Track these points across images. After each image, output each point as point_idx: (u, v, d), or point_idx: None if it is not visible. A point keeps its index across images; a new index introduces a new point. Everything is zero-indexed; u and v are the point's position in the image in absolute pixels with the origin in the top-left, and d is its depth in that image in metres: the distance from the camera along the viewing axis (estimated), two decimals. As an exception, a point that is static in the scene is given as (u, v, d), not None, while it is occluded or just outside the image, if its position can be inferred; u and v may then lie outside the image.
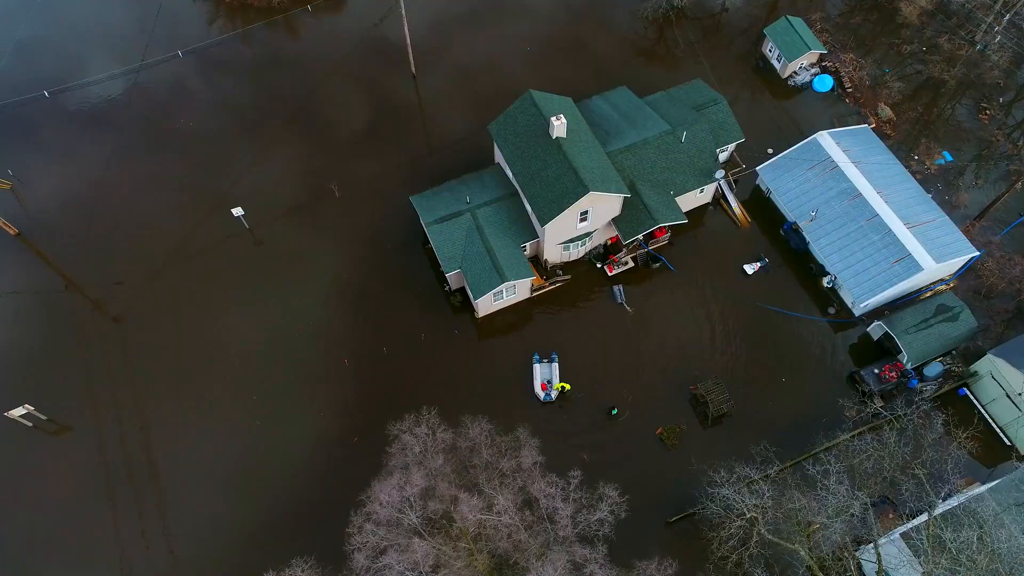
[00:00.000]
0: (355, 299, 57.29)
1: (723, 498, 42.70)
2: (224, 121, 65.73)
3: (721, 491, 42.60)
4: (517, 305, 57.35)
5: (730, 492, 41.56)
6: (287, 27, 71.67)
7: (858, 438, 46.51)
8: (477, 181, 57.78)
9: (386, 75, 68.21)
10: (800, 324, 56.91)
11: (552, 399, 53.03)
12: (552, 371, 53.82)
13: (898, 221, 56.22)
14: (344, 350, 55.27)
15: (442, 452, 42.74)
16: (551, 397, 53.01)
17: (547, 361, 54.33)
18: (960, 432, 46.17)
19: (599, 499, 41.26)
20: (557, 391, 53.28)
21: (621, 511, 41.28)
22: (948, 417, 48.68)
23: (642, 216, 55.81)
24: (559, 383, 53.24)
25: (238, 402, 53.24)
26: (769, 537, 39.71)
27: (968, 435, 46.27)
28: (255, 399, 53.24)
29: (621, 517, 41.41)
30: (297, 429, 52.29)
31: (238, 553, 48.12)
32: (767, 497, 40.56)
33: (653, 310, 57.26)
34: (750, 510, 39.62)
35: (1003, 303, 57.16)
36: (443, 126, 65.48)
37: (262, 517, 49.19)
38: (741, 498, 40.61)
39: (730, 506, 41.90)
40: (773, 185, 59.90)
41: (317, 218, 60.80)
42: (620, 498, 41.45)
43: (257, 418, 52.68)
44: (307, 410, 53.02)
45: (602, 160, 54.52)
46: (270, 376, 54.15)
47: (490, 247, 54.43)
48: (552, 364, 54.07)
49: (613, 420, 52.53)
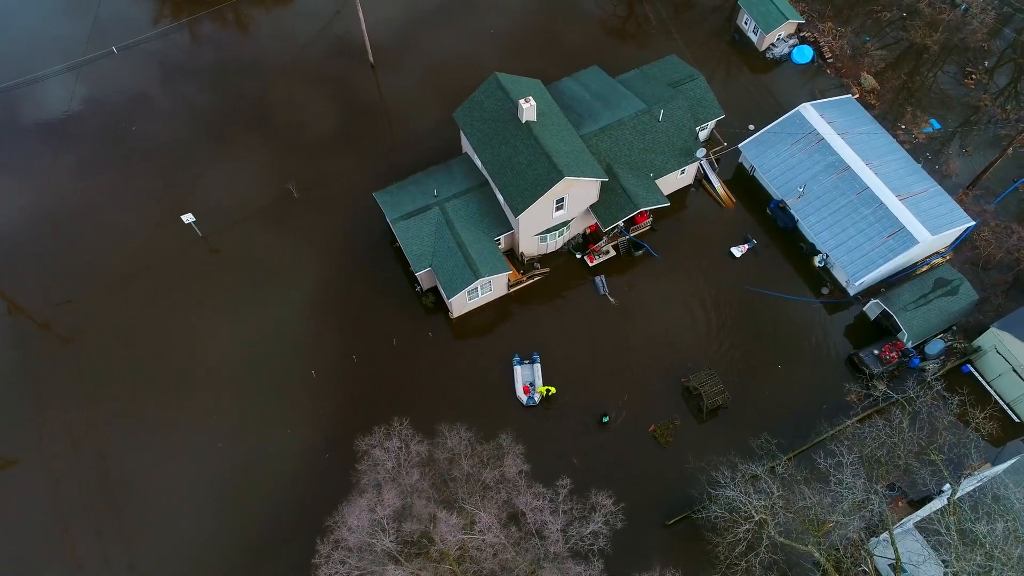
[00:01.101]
0: (320, 306, 53.58)
1: (728, 500, 39.38)
2: (172, 124, 61.58)
3: (725, 492, 39.24)
4: (494, 303, 53.92)
5: (735, 493, 38.21)
6: (237, 22, 67.69)
7: (865, 424, 43.47)
8: (444, 173, 54.26)
9: (344, 68, 64.41)
10: (793, 307, 53.99)
11: (535, 403, 49.70)
12: (534, 372, 50.48)
13: (889, 193, 53.46)
14: (311, 362, 51.54)
15: (418, 466, 39.20)
16: (534, 401, 49.67)
17: (528, 362, 50.98)
18: (977, 412, 43.21)
19: (592, 509, 37.88)
20: (541, 395, 49.90)
21: (617, 521, 37.92)
22: (964, 397, 45.66)
23: (621, 201, 52.58)
24: (542, 386, 49.91)
25: (198, 424, 49.31)
26: (780, 540, 36.51)
27: (986, 415, 43.20)
28: (216, 419, 49.36)
29: (617, 527, 38.05)
30: (262, 450, 48.48)
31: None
32: (776, 496, 37.29)
33: (638, 300, 54.07)
34: (758, 511, 36.31)
35: (1001, 274, 54.59)
36: (408, 119, 61.78)
37: (222, 550, 45.30)
38: (748, 499, 37.29)
39: (736, 508, 38.60)
40: (757, 162, 56.91)
41: (276, 222, 56.98)
42: (615, 506, 38.05)
43: (219, 439, 48.80)
44: (273, 428, 49.20)
45: (576, 143, 51.22)
46: (231, 395, 50.28)
47: (461, 242, 50.94)
48: (534, 365, 50.72)
49: (605, 428, 49.19)
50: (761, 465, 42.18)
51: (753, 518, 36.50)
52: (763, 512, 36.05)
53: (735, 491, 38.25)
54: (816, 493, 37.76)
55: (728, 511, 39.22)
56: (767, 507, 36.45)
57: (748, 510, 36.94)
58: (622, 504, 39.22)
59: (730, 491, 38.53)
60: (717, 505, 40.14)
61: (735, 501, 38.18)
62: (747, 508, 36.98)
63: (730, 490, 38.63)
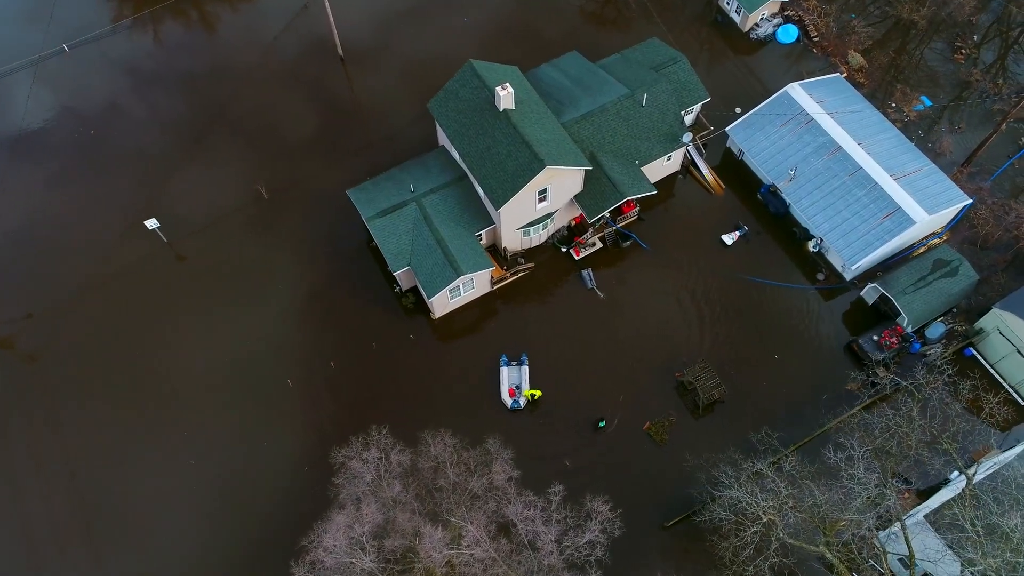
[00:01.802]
0: (295, 312, 51.00)
1: (733, 501, 37.04)
2: (134, 127, 58.71)
3: (730, 493, 36.89)
4: (477, 301, 51.55)
5: (741, 494, 35.88)
6: (202, 20, 64.88)
7: (872, 413, 41.32)
8: (420, 167, 51.83)
9: (313, 64, 61.67)
10: (788, 294, 51.97)
11: (520, 407, 47.27)
12: (521, 375, 48.08)
13: (883, 173, 51.56)
14: (286, 370, 48.96)
15: (399, 477, 36.79)
16: (519, 405, 47.24)
17: (516, 364, 48.64)
18: (991, 397, 41.19)
19: (587, 516, 35.56)
20: (527, 398, 47.54)
21: (615, 529, 35.62)
22: (976, 381, 43.69)
23: (607, 191, 50.36)
24: (528, 390, 47.52)
25: (169, 440, 46.66)
26: (790, 542, 34.29)
27: (1000, 400, 41.16)
28: (186, 435, 46.71)
29: (615, 535, 35.74)
30: (236, 465, 45.86)
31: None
32: (784, 495, 35.00)
33: (627, 293, 51.86)
34: (766, 512, 34.03)
35: (1000, 253, 52.81)
36: (382, 114, 59.17)
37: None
38: (755, 500, 34.98)
39: (742, 510, 36.29)
40: (745, 146, 54.85)
41: (246, 225, 54.33)
42: (612, 513, 35.74)
43: (191, 456, 46.16)
44: (247, 442, 46.61)
45: (557, 131, 48.95)
46: (203, 408, 47.62)
47: (441, 239, 48.54)
48: (522, 367, 48.35)
49: (601, 433, 46.83)
50: (765, 462, 39.80)
51: (761, 520, 34.23)
52: (771, 513, 33.81)
53: (741, 491, 35.91)
54: (826, 490, 35.57)
55: (734, 513, 36.91)
56: (775, 507, 34.17)
57: (755, 511, 34.65)
58: (619, 510, 36.93)
59: (736, 492, 36.17)
60: (721, 506, 37.83)
61: (741, 502, 35.87)
62: (754, 509, 34.68)
63: (736, 491, 36.27)
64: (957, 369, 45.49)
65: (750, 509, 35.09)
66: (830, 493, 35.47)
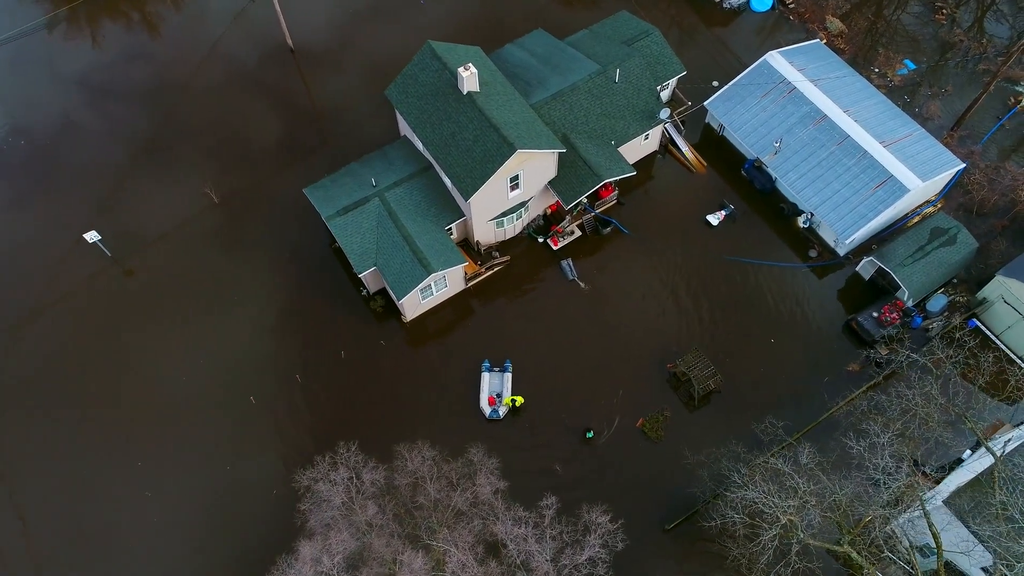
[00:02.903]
0: (254, 323, 47.08)
1: (748, 503, 33.57)
2: (68, 135, 54.34)
3: (746, 494, 33.43)
4: (451, 300, 48.02)
5: (757, 494, 32.49)
6: (144, 21, 60.55)
7: (886, 394, 38.23)
8: (382, 159, 48.19)
9: (262, 58, 57.69)
10: (780, 274, 49.05)
11: (500, 416, 43.65)
12: (504, 382, 44.49)
13: (872, 140, 48.79)
14: (248, 387, 45.07)
15: (374, 498, 33.19)
16: (498, 414, 43.63)
17: (499, 370, 45.09)
18: (1016, 369, 38.34)
19: (585, 530, 32.14)
20: (507, 406, 43.94)
21: (616, 541, 32.24)
22: (999, 353, 40.96)
23: (583, 174, 47.09)
24: (509, 397, 43.96)
25: (121, 472, 42.59)
26: (813, 543, 31.09)
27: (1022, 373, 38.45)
28: (140, 465, 42.66)
29: (617, 548, 32.36)
30: (196, 494, 41.90)
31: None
32: (804, 492, 31.67)
33: (611, 283, 48.62)
34: (785, 513, 30.72)
35: (998, 219, 50.31)
36: (339, 108, 55.33)
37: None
38: (772, 500, 31.63)
39: (758, 511, 32.89)
40: (726, 120, 51.83)
41: (197, 233, 50.29)
42: (612, 523, 32.33)
43: (146, 488, 42.13)
44: (208, 468, 42.66)
45: (527, 113, 45.57)
46: (159, 434, 43.61)
47: (408, 235, 44.96)
48: (504, 374, 44.74)
49: (590, 444, 43.37)
50: (780, 456, 36.17)
51: (779, 521, 30.94)
52: (791, 513, 30.55)
53: (756, 492, 32.50)
54: (848, 482, 32.37)
55: (749, 516, 33.52)
56: (796, 507, 30.88)
57: (774, 513, 31.32)
58: (621, 520, 33.48)
59: (751, 492, 32.76)
60: (732, 508, 34.39)
61: (756, 503, 32.45)
62: (772, 511, 31.36)
63: (751, 491, 32.85)
64: (978, 340, 42.45)
65: (768, 511, 31.73)
66: (853, 486, 32.33)
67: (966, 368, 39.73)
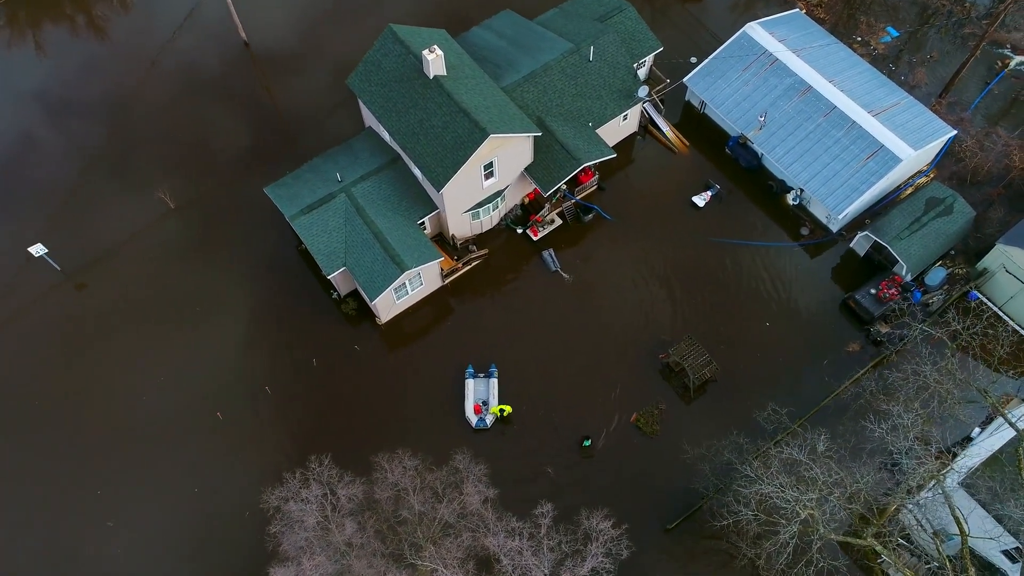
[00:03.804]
0: (218, 334, 44.04)
1: (763, 498, 30.85)
2: (14, 146, 50.95)
3: (760, 489, 30.73)
4: (428, 299, 45.28)
5: (773, 488, 29.85)
6: (91, 24, 57.14)
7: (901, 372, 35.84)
8: (347, 153, 45.35)
9: (217, 56, 54.61)
10: (772, 255, 46.81)
11: (487, 426, 40.86)
12: (490, 388, 41.69)
13: (860, 110, 46.72)
14: (214, 401, 42.04)
15: (352, 515, 30.38)
16: (485, 423, 40.84)
17: (484, 376, 42.32)
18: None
19: (586, 538, 29.49)
20: (495, 415, 41.12)
21: (621, 548, 29.62)
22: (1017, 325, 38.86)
23: (560, 159, 44.56)
24: (496, 406, 41.11)
25: (79, 502, 39.39)
26: (835, 538, 28.58)
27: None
28: (100, 493, 39.48)
29: (623, 557, 29.73)
30: (162, 520, 38.83)
31: None
32: (825, 483, 29.10)
33: (596, 272, 46.12)
34: (805, 507, 28.10)
35: (993, 187, 48.39)
36: (300, 102, 52.34)
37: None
38: (790, 494, 28.97)
39: (775, 507, 30.24)
40: (707, 96, 49.52)
41: (154, 241, 47.11)
42: (615, 529, 29.69)
43: (108, 517, 38.96)
44: (175, 490, 39.58)
45: (498, 96, 42.98)
46: (120, 460, 40.44)
47: (378, 231, 42.16)
48: (490, 379, 41.98)
49: (587, 452, 40.60)
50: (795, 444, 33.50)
51: (799, 516, 28.34)
52: (811, 507, 27.96)
53: (771, 486, 29.84)
54: (867, 469, 29.92)
55: (765, 512, 30.85)
56: (815, 500, 28.28)
57: (792, 508, 28.71)
58: (625, 525, 30.81)
59: (766, 487, 30.10)
60: (748, 506, 31.70)
61: (771, 498, 29.78)
62: (791, 506, 28.74)
63: (766, 485, 30.18)
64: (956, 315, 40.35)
65: (785, 506, 29.10)
66: (873, 473, 29.89)
67: (984, 339, 37.46)
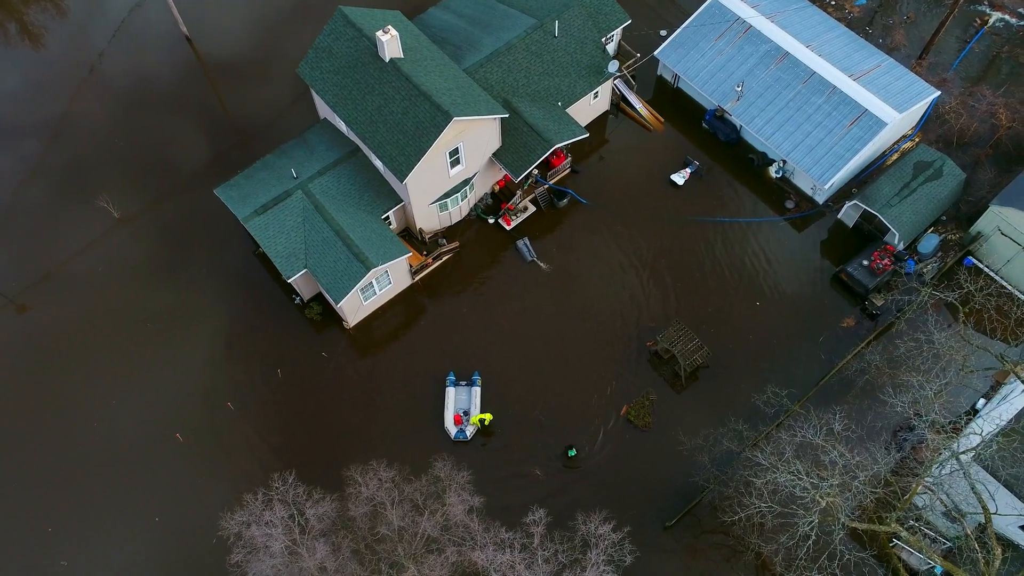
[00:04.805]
0: (173, 350, 40.87)
1: (779, 487, 28.13)
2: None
3: (777, 478, 28.05)
4: (398, 298, 42.49)
5: (790, 476, 27.20)
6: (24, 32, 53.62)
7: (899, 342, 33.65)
8: (302, 147, 42.41)
9: (159, 56, 51.30)
10: (757, 231, 44.61)
11: (467, 438, 37.88)
12: (472, 397, 38.74)
13: (840, 75, 44.66)
14: (172, 422, 38.89)
15: (323, 536, 27.49)
16: (465, 435, 37.84)
17: (466, 384, 39.43)
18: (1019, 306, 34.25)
19: (585, 545, 26.82)
20: (475, 426, 38.09)
21: (624, 554, 26.97)
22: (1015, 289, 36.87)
23: (530, 142, 41.98)
24: (477, 415, 38.14)
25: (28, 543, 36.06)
26: (857, 526, 26.13)
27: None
28: (51, 531, 36.14)
29: (626, 563, 27.09)
30: (120, 556, 35.63)
31: None
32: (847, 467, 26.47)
33: (574, 260, 43.60)
34: (825, 495, 25.54)
35: (980, 147, 46.56)
36: (251, 98, 49.28)
37: None
38: (810, 479, 26.34)
39: (792, 496, 27.58)
40: (680, 69, 47.19)
41: (100, 256, 43.83)
42: (617, 533, 27.02)
43: (61, 556, 35.65)
44: (133, 523, 36.42)
45: (460, 78, 40.31)
46: (72, 492, 37.18)
47: (340, 229, 39.28)
48: (472, 388, 39.03)
49: (573, 463, 37.76)
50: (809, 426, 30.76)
51: (820, 504, 25.76)
52: (832, 493, 25.40)
53: (785, 473, 27.19)
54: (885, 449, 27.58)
55: (780, 504, 28.20)
56: (836, 486, 25.75)
57: (812, 495, 26.07)
58: (627, 528, 28.14)
59: (782, 475, 27.45)
60: (760, 497, 29.04)
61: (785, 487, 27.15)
62: (810, 494, 26.13)
63: (781, 473, 27.52)
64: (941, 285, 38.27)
65: (804, 495, 26.45)
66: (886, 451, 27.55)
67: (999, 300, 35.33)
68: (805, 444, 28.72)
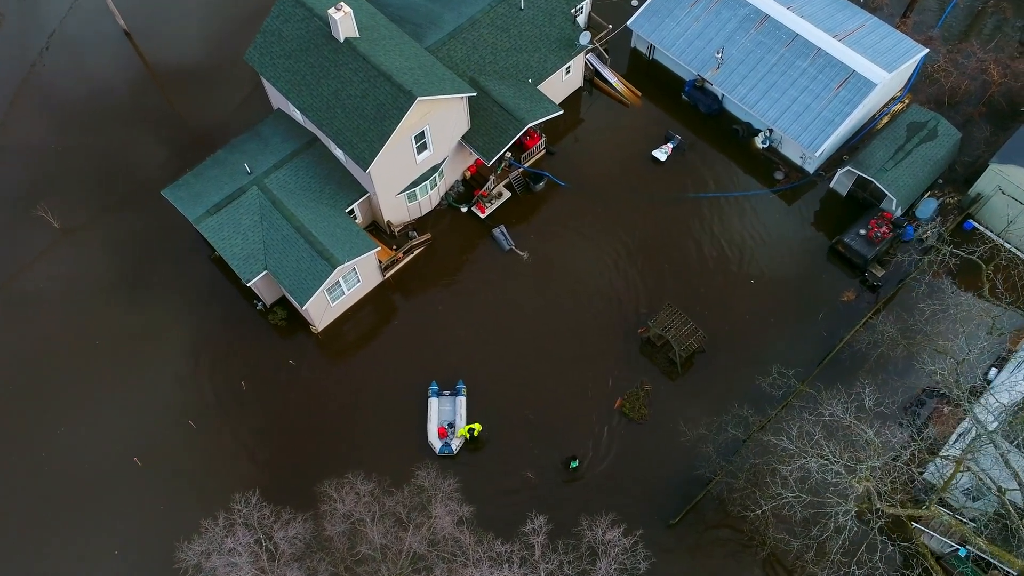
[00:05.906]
0: (127, 368, 37.54)
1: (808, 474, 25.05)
2: None
3: (805, 464, 25.05)
4: (369, 297, 39.50)
5: (819, 462, 24.29)
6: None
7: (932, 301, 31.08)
8: (255, 140, 39.28)
9: (100, 56, 47.92)
10: (746, 204, 42.17)
11: (453, 452, 34.78)
12: (457, 407, 35.71)
13: (824, 36, 42.39)
14: (129, 446, 35.56)
15: (296, 560, 24.47)
16: (451, 449, 34.76)
17: (450, 394, 36.40)
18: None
19: (592, 552, 23.95)
20: (464, 438, 35.02)
21: (638, 560, 24.14)
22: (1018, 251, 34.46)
23: (501, 122, 39.22)
24: (464, 427, 35.07)
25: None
26: (896, 512, 23.44)
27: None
28: None
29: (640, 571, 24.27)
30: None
31: None
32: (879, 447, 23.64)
33: (556, 247, 40.85)
34: (863, 478, 22.70)
35: (972, 106, 44.50)
36: (198, 92, 46.09)
37: None
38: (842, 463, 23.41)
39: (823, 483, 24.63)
40: (655, 39, 44.64)
41: (41, 271, 40.39)
42: (627, 536, 24.17)
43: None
44: (91, 559, 33.11)
45: (422, 56, 37.46)
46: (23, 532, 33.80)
47: (300, 225, 36.22)
48: (457, 398, 36.01)
49: (574, 474, 34.68)
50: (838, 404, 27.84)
51: (856, 490, 22.88)
52: (868, 477, 22.61)
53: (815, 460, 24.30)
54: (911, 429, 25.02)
55: (809, 493, 25.20)
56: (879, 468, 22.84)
57: (848, 480, 23.24)
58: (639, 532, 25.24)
59: (811, 461, 24.55)
60: (786, 488, 26.10)
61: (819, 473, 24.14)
62: (843, 480, 23.33)
63: (811, 459, 24.62)
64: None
65: (837, 480, 23.52)
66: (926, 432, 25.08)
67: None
68: (831, 424, 25.99)
